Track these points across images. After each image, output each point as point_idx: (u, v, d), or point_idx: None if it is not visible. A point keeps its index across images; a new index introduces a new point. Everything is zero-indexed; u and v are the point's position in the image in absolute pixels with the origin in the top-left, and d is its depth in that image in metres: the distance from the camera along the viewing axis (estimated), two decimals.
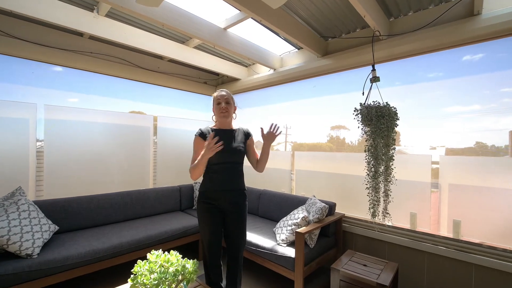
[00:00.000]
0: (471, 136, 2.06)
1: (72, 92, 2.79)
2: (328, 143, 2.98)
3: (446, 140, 2.18)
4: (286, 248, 2.14)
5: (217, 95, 1.82)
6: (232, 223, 1.79)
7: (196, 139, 1.77)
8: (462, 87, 2.09)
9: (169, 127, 3.55)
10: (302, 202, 2.67)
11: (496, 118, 1.94)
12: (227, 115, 1.79)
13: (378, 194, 1.94)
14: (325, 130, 2.98)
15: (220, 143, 1.56)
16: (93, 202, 2.63)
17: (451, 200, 2.10)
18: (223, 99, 1.79)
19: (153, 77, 3.30)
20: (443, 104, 2.18)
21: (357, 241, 2.55)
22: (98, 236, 2.33)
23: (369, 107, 1.94)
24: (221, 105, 1.77)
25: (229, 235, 1.82)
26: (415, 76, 2.30)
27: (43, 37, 2.50)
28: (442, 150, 2.21)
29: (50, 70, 2.64)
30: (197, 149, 1.73)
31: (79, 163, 2.74)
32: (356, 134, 2.74)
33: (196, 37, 2.33)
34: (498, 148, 1.94)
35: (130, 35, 2.57)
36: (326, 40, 2.78)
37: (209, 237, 1.75)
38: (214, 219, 1.75)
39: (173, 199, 3.27)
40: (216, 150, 1.56)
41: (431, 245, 2.11)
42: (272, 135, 1.75)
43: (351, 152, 2.75)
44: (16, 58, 2.39)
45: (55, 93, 2.67)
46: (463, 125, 2.08)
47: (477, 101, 2.03)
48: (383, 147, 1.92)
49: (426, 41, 2.08)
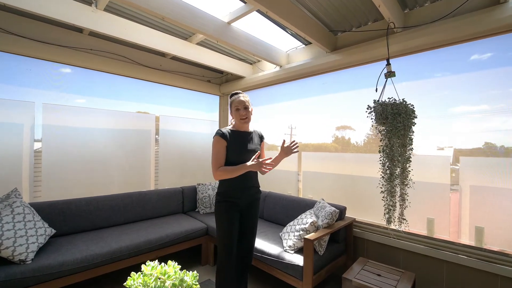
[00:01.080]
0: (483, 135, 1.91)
1: (72, 91, 2.70)
2: (333, 143, 2.84)
3: (455, 140, 2.07)
4: (294, 255, 2.01)
5: (235, 100, 1.82)
6: (249, 218, 1.87)
7: (218, 139, 1.77)
8: (484, 82, 1.93)
9: (172, 126, 3.44)
10: (310, 206, 2.53)
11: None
12: (247, 121, 1.84)
13: (394, 199, 1.79)
14: (330, 130, 2.85)
15: (270, 166, 1.73)
16: (92, 204, 2.54)
17: (473, 204, 1.94)
18: (241, 106, 1.80)
19: (155, 75, 3.20)
20: (460, 102, 2.02)
21: (369, 247, 2.40)
22: (96, 239, 2.23)
23: (384, 104, 1.80)
24: (241, 112, 1.80)
25: (244, 232, 1.86)
26: (426, 72, 2.15)
27: (41, 33, 2.42)
28: (450, 151, 2.10)
29: (49, 68, 2.56)
30: (218, 149, 1.75)
31: (79, 164, 2.65)
32: (361, 134, 2.61)
33: (198, 31, 2.21)
34: (507, 149, 1.83)
35: (131, 31, 2.47)
36: (336, 34, 2.64)
37: (231, 238, 1.75)
38: (235, 219, 1.78)
39: (175, 201, 3.16)
40: (265, 170, 1.72)
41: (450, 253, 1.95)
42: (289, 150, 1.85)
43: (361, 153, 2.60)
44: (12, 55, 2.30)
45: (54, 92, 2.59)
46: (481, 124, 1.92)
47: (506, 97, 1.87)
48: (399, 148, 1.77)
49: (445, 33, 1.92)
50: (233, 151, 1.77)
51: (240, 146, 1.81)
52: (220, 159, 1.74)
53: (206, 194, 3.23)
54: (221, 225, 1.78)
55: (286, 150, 1.86)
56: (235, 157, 1.77)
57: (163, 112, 3.38)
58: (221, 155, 1.75)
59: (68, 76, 2.69)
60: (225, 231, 1.76)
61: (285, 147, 1.86)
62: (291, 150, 1.85)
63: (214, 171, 1.73)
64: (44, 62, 2.49)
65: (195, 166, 3.73)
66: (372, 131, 2.51)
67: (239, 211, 1.82)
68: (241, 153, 1.79)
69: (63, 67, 2.62)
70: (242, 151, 1.79)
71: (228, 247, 1.75)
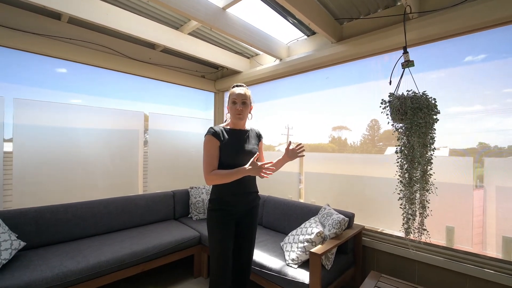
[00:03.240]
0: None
1: (49, 85, 2.42)
2: (330, 143, 2.64)
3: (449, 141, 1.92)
4: (298, 271, 1.76)
5: (234, 92, 1.60)
6: (247, 228, 1.66)
7: (209, 139, 1.54)
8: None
9: (162, 125, 3.17)
10: (314, 212, 2.29)
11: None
12: (242, 117, 1.61)
13: (414, 206, 1.56)
14: (328, 128, 2.63)
15: (271, 171, 1.48)
16: (71, 211, 2.26)
17: (501, 212, 1.72)
18: (239, 99, 1.58)
19: (144, 69, 2.93)
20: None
21: (380, 258, 2.17)
22: (73, 253, 1.96)
23: (402, 98, 1.56)
24: (237, 106, 1.58)
25: (241, 243, 1.64)
26: (453, 60, 1.92)
27: (13, 19, 2.14)
28: (445, 151, 1.95)
29: (23, 59, 2.28)
30: (210, 150, 1.53)
31: (57, 167, 2.37)
32: (357, 134, 2.41)
33: (188, 15, 1.96)
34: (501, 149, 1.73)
35: (114, 17, 2.20)
36: (341, 23, 2.41)
37: (226, 250, 1.54)
38: (231, 230, 1.57)
39: (166, 207, 2.90)
40: (265, 176, 1.44)
41: (474, 267, 1.73)
42: (295, 153, 1.66)
43: (366, 154, 2.37)
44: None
45: (28, 86, 2.31)
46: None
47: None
48: (420, 148, 1.53)
49: (470, 18, 1.69)
50: (227, 152, 1.55)
51: (236, 146, 1.59)
52: (212, 162, 1.52)
53: (200, 199, 2.97)
54: (214, 236, 1.56)
55: (291, 153, 1.66)
56: (229, 159, 1.55)
57: (152, 110, 3.11)
58: (213, 156, 1.53)
59: (46, 68, 2.41)
60: (219, 243, 1.54)
61: (290, 149, 1.66)
62: (296, 153, 1.66)
63: (206, 175, 1.51)
64: (17, 52, 2.21)
65: (188, 168, 3.46)
66: (369, 132, 2.28)
67: (234, 220, 1.60)
68: (237, 154, 1.57)
69: (40, 58, 2.34)
70: (238, 153, 1.57)
71: (222, 261, 1.53)
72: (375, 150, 2.36)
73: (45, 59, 2.35)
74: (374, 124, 2.36)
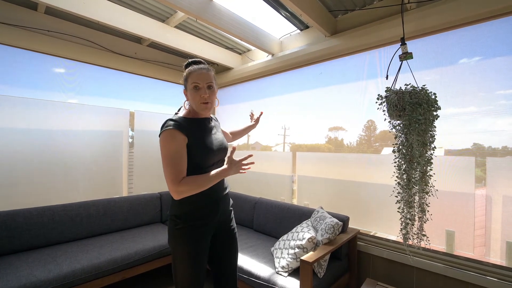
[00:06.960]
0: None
1: (23, 80, 2.26)
2: (327, 143, 2.51)
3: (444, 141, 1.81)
4: (288, 279, 1.63)
5: (194, 73, 1.20)
6: (227, 236, 1.37)
7: (172, 134, 1.11)
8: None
9: (148, 124, 3.02)
10: (306, 215, 2.16)
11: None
12: (210, 106, 1.23)
13: (413, 210, 1.44)
14: (324, 129, 2.51)
15: (249, 165, 1.21)
16: (46, 215, 2.11)
17: (506, 215, 1.60)
18: (203, 82, 1.19)
19: (129, 64, 2.78)
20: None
21: (375, 264, 2.05)
22: (46, 260, 1.81)
23: (399, 92, 1.44)
24: (201, 92, 1.19)
25: (221, 256, 1.36)
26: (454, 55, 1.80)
27: None
28: (441, 151, 1.85)
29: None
30: (176, 150, 1.11)
31: (31, 167, 2.20)
32: (354, 134, 2.28)
33: (171, 5, 1.82)
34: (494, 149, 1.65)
35: (93, 7, 2.06)
36: (336, 17, 2.29)
37: (200, 273, 1.23)
38: (206, 249, 1.26)
39: (151, 209, 2.75)
40: (242, 172, 1.19)
41: (477, 274, 1.61)
42: (258, 120, 1.83)
43: (362, 153, 2.25)
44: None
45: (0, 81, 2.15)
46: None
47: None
48: (419, 146, 1.41)
49: (474, 8, 1.58)
50: (199, 151, 1.18)
51: (207, 141, 1.23)
52: (180, 167, 1.11)
53: None
54: (185, 258, 1.20)
55: (258, 120, 1.86)
56: (203, 159, 1.19)
57: (138, 107, 2.95)
58: (181, 159, 1.12)
59: (20, 62, 2.25)
60: (191, 266, 1.20)
61: (257, 118, 1.85)
62: (258, 120, 1.83)
63: (174, 186, 1.08)
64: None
65: None
66: (365, 130, 2.16)
67: (212, 233, 1.29)
68: (210, 151, 1.22)
69: (13, 50, 2.18)
70: (211, 149, 1.22)
71: (196, 285, 1.23)
72: (371, 150, 2.24)
73: (20, 52, 2.19)
74: (371, 125, 2.25)
